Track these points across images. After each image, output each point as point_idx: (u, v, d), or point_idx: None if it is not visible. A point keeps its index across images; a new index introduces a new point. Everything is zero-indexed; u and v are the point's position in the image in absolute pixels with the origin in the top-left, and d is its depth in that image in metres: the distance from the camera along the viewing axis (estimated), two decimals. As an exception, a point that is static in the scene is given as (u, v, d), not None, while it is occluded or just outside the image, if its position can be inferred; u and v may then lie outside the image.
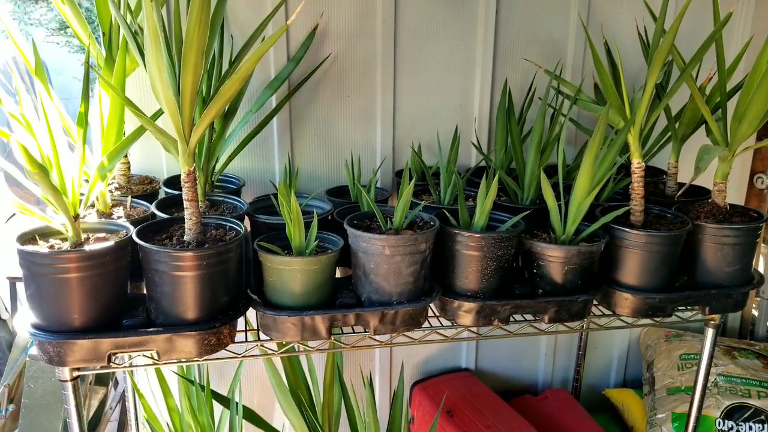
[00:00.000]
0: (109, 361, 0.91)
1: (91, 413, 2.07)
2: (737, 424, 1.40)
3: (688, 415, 1.27)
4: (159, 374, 1.35)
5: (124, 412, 2.20)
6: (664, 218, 1.13)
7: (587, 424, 1.52)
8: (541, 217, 1.13)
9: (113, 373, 2.25)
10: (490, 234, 1.01)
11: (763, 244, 1.81)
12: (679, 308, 1.11)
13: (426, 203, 1.15)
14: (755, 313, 1.88)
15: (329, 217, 1.18)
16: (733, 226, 1.06)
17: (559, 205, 1.07)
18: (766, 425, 1.39)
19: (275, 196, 1.15)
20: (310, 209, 1.14)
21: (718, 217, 1.10)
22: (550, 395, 1.65)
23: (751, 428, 1.39)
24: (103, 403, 2.20)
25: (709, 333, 1.19)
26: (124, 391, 1.75)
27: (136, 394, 1.41)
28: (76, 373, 0.94)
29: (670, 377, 1.55)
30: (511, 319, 1.07)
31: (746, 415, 1.41)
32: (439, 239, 1.04)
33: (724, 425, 1.41)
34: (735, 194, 1.74)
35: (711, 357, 1.20)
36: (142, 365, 1.01)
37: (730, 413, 1.42)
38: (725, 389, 1.47)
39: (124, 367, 0.99)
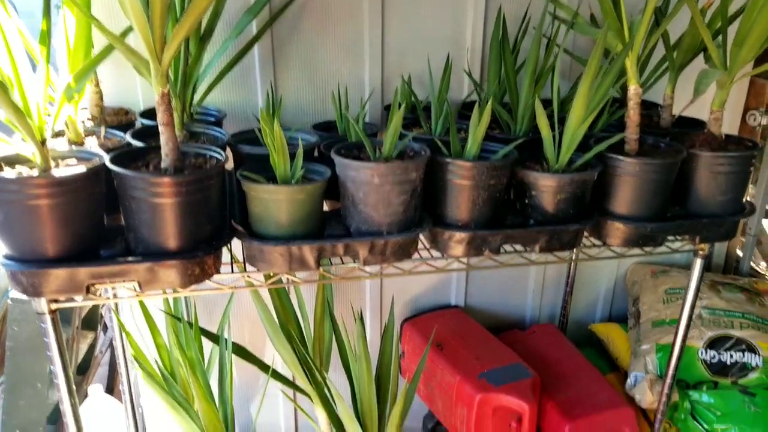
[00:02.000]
0: (88, 291, 0.88)
1: (80, 358, 2.07)
2: (719, 353, 1.43)
3: (672, 344, 1.28)
4: (145, 311, 1.33)
5: (114, 357, 2.20)
6: (659, 148, 1.11)
7: (573, 356, 1.54)
8: (533, 148, 1.11)
9: (101, 316, 2.24)
10: (482, 162, 0.98)
11: (751, 185, 1.81)
12: (670, 238, 1.11)
13: (416, 134, 1.11)
14: (740, 253, 1.90)
15: (316, 151, 1.14)
16: (728, 154, 1.04)
17: (553, 136, 1.04)
18: (746, 353, 1.42)
19: (260, 130, 1.10)
20: (295, 142, 1.09)
21: (714, 145, 1.08)
22: (537, 330, 1.67)
23: (732, 356, 1.42)
24: (92, 347, 2.19)
25: (697, 263, 1.19)
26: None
27: (123, 332, 1.40)
28: (54, 306, 0.91)
29: (656, 311, 1.57)
30: (502, 250, 1.06)
31: (728, 345, 1.44)
32: (430, 169, 1.01)
33: (706, 354, 1.44)
34: (727, 131, 1.72)
35: (698, 287, 1.21)
36: (125, 297, 0.99)
37: (713, 343, 1.45)
38: (709, 321, 1.49)
39: (106, 299, 0.97)
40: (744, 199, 1.12)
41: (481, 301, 1.71)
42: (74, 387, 0.97)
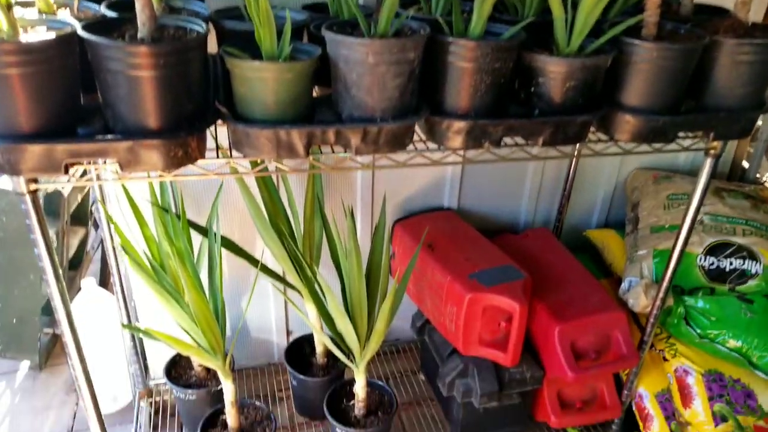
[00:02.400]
0: (66, 171, 0.84)
1: (72, 253, 2.07)
2: (718, 260, 1.41)
3: (672, 249, 1.26)
4: (132, 203, 1.29)
5: (106, 254, 2.20)
6: (678, 33, 1.02)
7: (566, 260, 1.53)
8: (542, 33, 1.02)
9: (91, 213, 2.22)
10: (487, 42, 0.90)
11: None
12: (681, 135, 1.05)
13: (415, 13, 1.02)
14: (746, 164, 1.85)
15: (305, 35, 1.05)
16: (755, 41, 0.96)
17: (565, 18, 0.95)
18: (747, 260, 1.40)
19: (245, 6, 1.01)
20: (283, 20, 1.00)
21: (739, 32, 0.99)
22: (530, 234, 1.64)
23: (732, 263, 1.41)
24: (83, 243, 2.19)
25: (707, 164, 1.14)
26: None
27: (110, 224, 1.37)
28: (33, 186, 0.87)
29: (655, 216, 1.54)
30: (503, 143, 1.00)
31: (728, 252, 1.42)
32: (429, 51, 0.93)
33: (705, 261, 1.42)
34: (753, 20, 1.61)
35: (705, 191, 1.17)
36: (108, 180, 0.94)
37: (713, 250, 1.43)
38: (710, 227, 1.46)
39: (87, 180, 0.92)
40: (765, 94, 1.05)
41: (474, 204, 1.68)
42: (61, 272, 0.95)
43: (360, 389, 1.35)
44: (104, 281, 2.10)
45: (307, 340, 1.59)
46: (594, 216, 1.82)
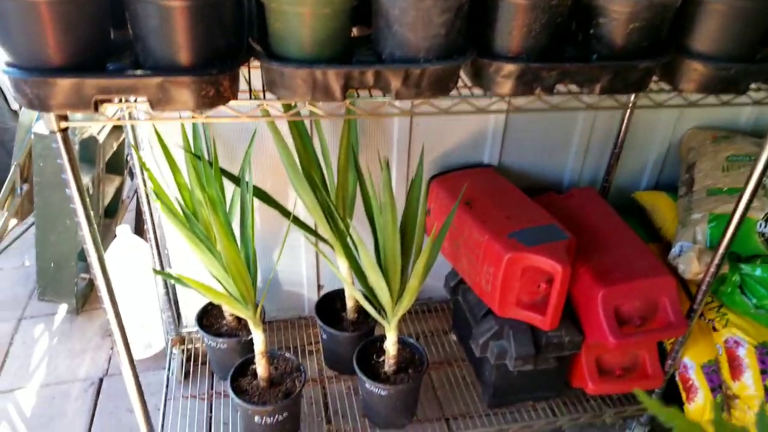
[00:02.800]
0: (96, 108, 0.80)
1: (108, 200, 2.08)
2: (779, 227, 1.32)
3: (732, 213, 1.17)
4: (164, 148, 1.26)
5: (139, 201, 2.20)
6: (761, -29, 0.91)
7: (613, 221, 1.45)
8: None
9: (126, 162, 2.22)
10: (544, -25, 0.81)
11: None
12: (753, 86, 0.95)
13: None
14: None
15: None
16: None
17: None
18: (812, 226, 1.30)
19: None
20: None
21: (831, -31, 0.88)
22: (576, 193, 1.56)
23: (794, 230, 1.31)
24: (119, 192, 2.20)
25: (779, 120, 1.04)
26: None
27: (143, 170, 1.35)
28: (63, 124, 0.85)
29: (713, 179, 1.44)
30: (555, 90, 0.92)
31: (791, 218, 1.32)
32: (480, -14, 0.85)
33: (765, 227, 1.33)
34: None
35: (773, 150, 1.07)
36: (139, 120, 0.91)
37: (774, 215, 1.33)
38: (773, 192, 1.36)
39: (117, 120, 0.89)
40: None
41: (516, 161, 1.60)
42: (92, 214, 0.93)
43: (391, 345, 1.32)
44: (139, 230, 2.11)
45: (338, 295, 1.57)
46: (644, 177, 1.72)
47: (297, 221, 1.38)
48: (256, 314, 1.26)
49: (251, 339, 1.30)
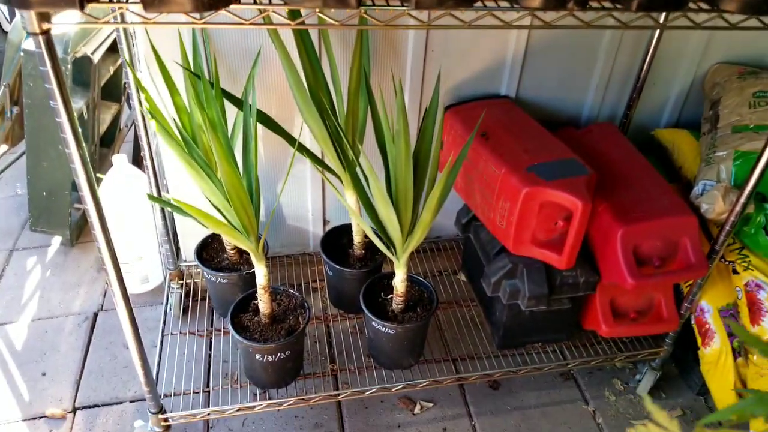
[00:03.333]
0: (82, 7, 0.71)
1: (104, 128, 1.99)
2: (811, 165, 1.25)
3: (762, 151, 1.09)
4: (161, 66, 1.17)
5: (137, 127, 2.12)
6: None
7: (634, 158, 1.38)
8: None
9: (124, 88, 2.11)
10: None
11: None
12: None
13: None
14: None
15: None
16: None
17: None
18: None
19: None
20: None
21: None
22: (595, 128, 1.48)
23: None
24: (116, 120, 2.10)
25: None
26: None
27: (139, 89, 1.26)
28: (45, 25, 0.75)
29: (738, 115, 1.36)
30: (588, 5, 0.83)
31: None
32: None
33: (796, 164, 1.26)
34: None
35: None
36: (130, 23, 0.82)
37: (806, 153, 1.26)
38: (804, 129, 1.29)
39: (106, 22, 0.80)
40: None
41: (534, 93, 1.51)
42: (80, 133, 0.85)
43: (399, 283, 1.27)
44: (137, 161, 2.03)
45: (345, 231, 1.51)
46: (665, 114, 1.63)
47: (303, 149, 1.30)
48: (258, 246, 1.20)
49: (253, 273, 1.25)
